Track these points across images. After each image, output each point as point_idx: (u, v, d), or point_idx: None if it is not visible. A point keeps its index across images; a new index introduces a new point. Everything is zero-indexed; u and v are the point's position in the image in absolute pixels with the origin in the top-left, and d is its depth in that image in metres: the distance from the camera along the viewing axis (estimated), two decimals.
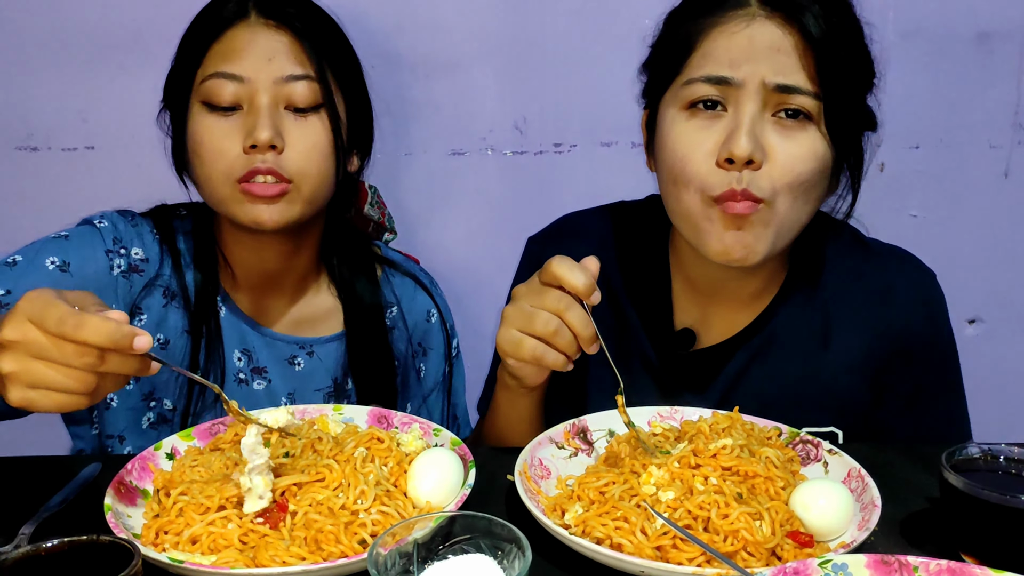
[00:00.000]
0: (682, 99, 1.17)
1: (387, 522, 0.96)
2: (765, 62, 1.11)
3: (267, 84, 1.25)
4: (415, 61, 1.78)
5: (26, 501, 1.04)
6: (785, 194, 1.14)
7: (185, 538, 0.94)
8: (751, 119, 1.12)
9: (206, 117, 1.27)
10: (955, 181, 1.87)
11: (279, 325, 1.43)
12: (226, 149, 1.25)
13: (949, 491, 0.93)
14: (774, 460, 1.04)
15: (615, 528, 0.94)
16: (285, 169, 1.25)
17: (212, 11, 1.30)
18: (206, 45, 1.27)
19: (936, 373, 1.29)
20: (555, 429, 1.16)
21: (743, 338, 1.30)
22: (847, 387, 1.28)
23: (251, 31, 1.26)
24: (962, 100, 1.82)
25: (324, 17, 1.33)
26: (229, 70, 1.25)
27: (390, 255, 1.54)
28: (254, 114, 1.25)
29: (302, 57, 1.27)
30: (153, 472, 1.07)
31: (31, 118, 1.78)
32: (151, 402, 1.37)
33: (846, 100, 1.13)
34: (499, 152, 1.85)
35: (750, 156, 1.11)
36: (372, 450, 1.07)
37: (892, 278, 1.28)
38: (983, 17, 1.77)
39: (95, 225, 1.33)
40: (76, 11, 1.73)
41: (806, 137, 1.13)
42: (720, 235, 1.15)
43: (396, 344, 1.49)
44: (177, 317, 1.36)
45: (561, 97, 1.82)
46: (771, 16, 1.13)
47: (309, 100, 1.27)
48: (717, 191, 1.13)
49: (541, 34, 1.78)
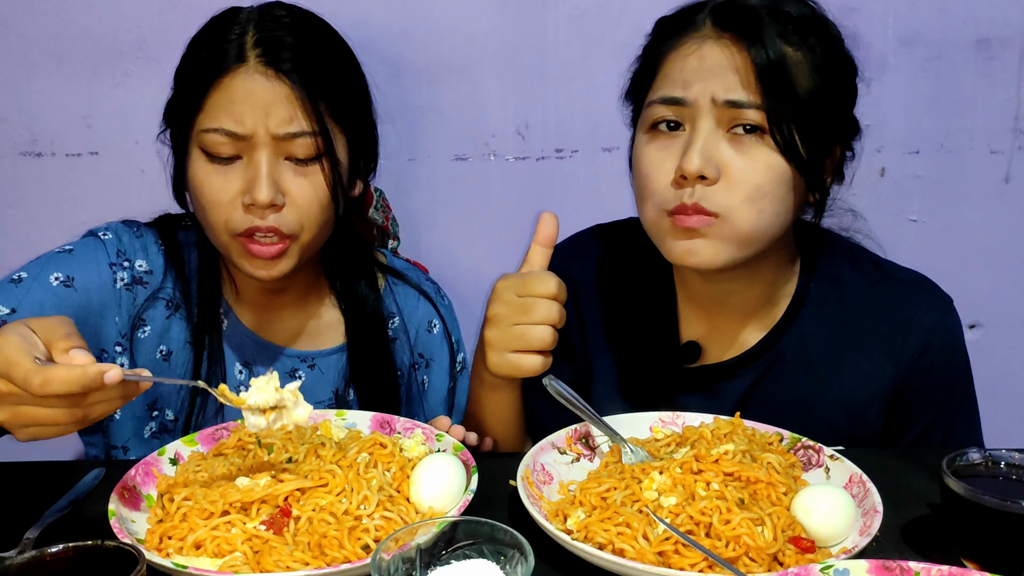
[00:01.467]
0: (645, 121, 1.21)
1: (390, 527, 0.97)
2: (714, 80, 1.14)
3: (266, 139, 1.22)
4: (419, 67, 1.79)
5: (30, 506, 1.04)
6: (744, 207, 1.15)
7: (189, 543, 0.94)
8: (704, 136, 1.14)
9: (205, 166, 1.25)
10: (955, 186, 1.87)
11: (281, 338, 1.42)
12: (225, 201, 1.24)
13: (950, 497, 0.93)
14: (776, 466, 1.05)
15: (617, 534, 0.95)
16: (286, 226, 1.24)
17: (210, 47, 1.26)
18: (204, 90, 1.23)
19: (952, 403, 1.29)
20: (557, 434, 1.16)
21: (753, 356, 1.31)
22: (860, 411, 1.28)
23: (249, 80, 1.22)
24: (962, 105, 1.82)
25: (327, 48, 1.30)
26: (228, 127, 1.22)
27: (395, 264, 1.53)
28: (254, 169, 1.23)
29: (300, 110, 1.23)
30: (157, 477, 1.07)
31: (35, 123, 1.78)
32: (154, 412, 1.37)
33: (799, 114, 1.13)
34: (501, 158, 1.85)
35: (700, 172, 1.13)
36: (375, 455, 1.07)
37: (911, 306, 1.28)
38: (983, 23, 1.78)
39: (99, 237, 1.33)
40: (80, 17, 1.73)
41: (760, 151, 1.14)
42: (674, 243, 1.19)
43: (398, 355, 1.48)
44: (180, 329, 1.36)
45: (563, 103, 1.82)
46: (721, 36, 1.15)
47: (309, 154, 1.24)
48: (670, 205, 1.16)
49: (543, 40, 1.79)
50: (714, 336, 1.34)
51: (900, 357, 1.27)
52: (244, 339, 1.40)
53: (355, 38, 1.36)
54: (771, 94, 1.12)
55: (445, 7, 1.76)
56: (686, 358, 1.34)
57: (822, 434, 1.16)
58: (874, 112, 1.21)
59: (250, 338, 1.40)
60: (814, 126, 1.15)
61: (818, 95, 1.15)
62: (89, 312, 1.29)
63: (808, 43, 1.15)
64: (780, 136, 1.13)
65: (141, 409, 1.36)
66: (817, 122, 1.15)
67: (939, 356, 1.27)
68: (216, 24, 1.28)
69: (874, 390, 1.28)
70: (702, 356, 1.34)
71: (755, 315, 1.31)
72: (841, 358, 1.29)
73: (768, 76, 1.12)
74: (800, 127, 1.13)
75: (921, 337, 1.27)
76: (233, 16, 1.28)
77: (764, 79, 1.12)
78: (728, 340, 1.33)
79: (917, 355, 1.27)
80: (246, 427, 1.02)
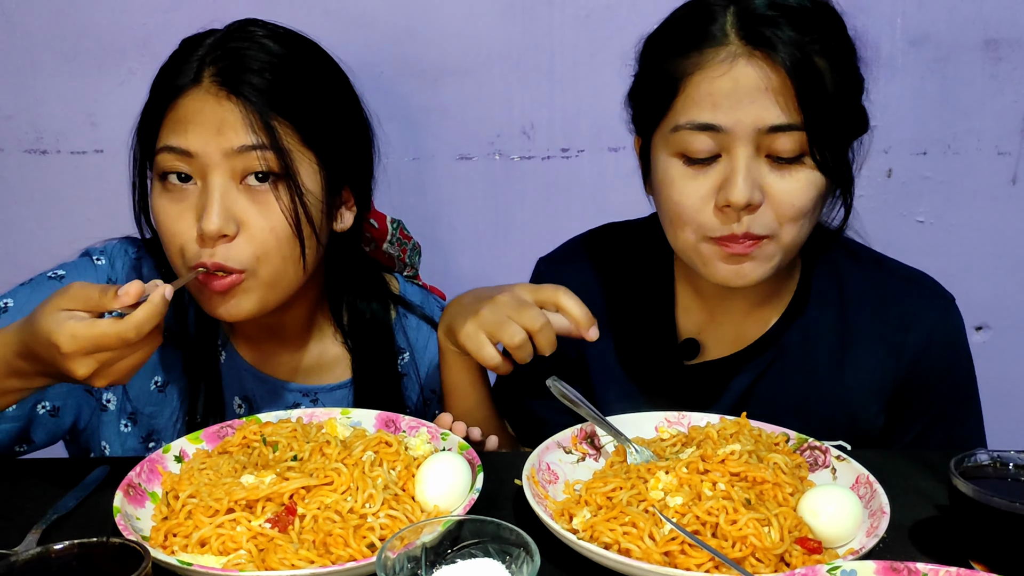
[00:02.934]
0: (673, 145, 1.16)
1: (395, 526, 0.97)
2: (752, 105, 1.10)
3: (217, 158, 1.16)
4: (425, 67, 1.79)
5: (35, 503, 1.04)
6: (789, 226, 1.15)
7: (194, 540, 0.94)
8: (746, 164, 1.11)
9: (161, 195, 1.20)
10: (963, 187, 1.87)
11: (282, 372, 1.38)
12: (180, 231, 1.18)
13: (958, 498, 0.92)
14: (782, 466, 1.04)
15: (623, 533, 0.94)
16: (235, 259, 1.17)
17: (173, 69, 1.22)
18: (161, 113, 1.20)
19: (954, 402, 1.29)
20: (563, 434, 1.16)
21: (753, 352, 1.30)
22: (860, 408, 1.28)
23: (200, 100, 1.17)
24: (970, 106, 1.82)
25: (299, 69, 1.23)
26: (177, 144, 1.17)
27: (407, 293, 1.46)
28: (206, 194, 1.17)
29: (255, 126, 1.16)
30: (161, 474, 1.07)
31: (40, 121, 1.79)
32: (149, 443, 1.33)
33: (834, 128, 1.12)
34: (507, 157, 1.85)
35: (749, 202, 1.11)
36: (380, 454, 1.07)
37: (912, 304, 1.27)
38: (991, 24, 1.78)
39: (93, 262, 1.30)
40: (85, 16, 1.73)
41: (801, 171, 1.13)
42: (720, 266, 1.18)
43: (407, 393, 1.43)
44: (176, 358, 1.32)
45: (569, 102, 1.82)
46: (752, 55, 1.10)
47: (266, 168, 1.17)
48: (716, 233, 1.15)
49: (549, 40, 1.79)
50: (714, 332, 1.33)
51: (901, 355, 1.26)
52: (243, 373, 1.36)
53: (359, 38, 1.36)
54: (811, 115, 1.10)
55: (451, 8, 1.76)
56: (685, 355, 1.34)
57: (822, 431, 1.16)
58: (882, 113, 1.20)
59: (249, 372, 1.36)
60: (843, 132, 1.14)
61: (841, 99, 1.13)
62: None
63: (828, 44, 1.13)
64: (821, 156, 1.11)
65: (136, 441, 1.33)
66: (844, 128, 1.14)
67: (941, 354, 1.27)
68: (184, 45, 1.24)
69: (875, 387, 1.28)
70: (702, 353, 1.34)
71: (756, 311, 1.31)
72: (842, 355, 1.28)
73: (808, 97, 1.09)
74: (834, 139, 1.12)
75: (922, 335, 1.26)
76: (202, 38, 1.23)
77: (804, 100, 1.09)
78: (729, 336, 1.32)
79: (919, 353, 1.26)
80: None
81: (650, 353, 1.35)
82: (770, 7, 1.12)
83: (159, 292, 1.01)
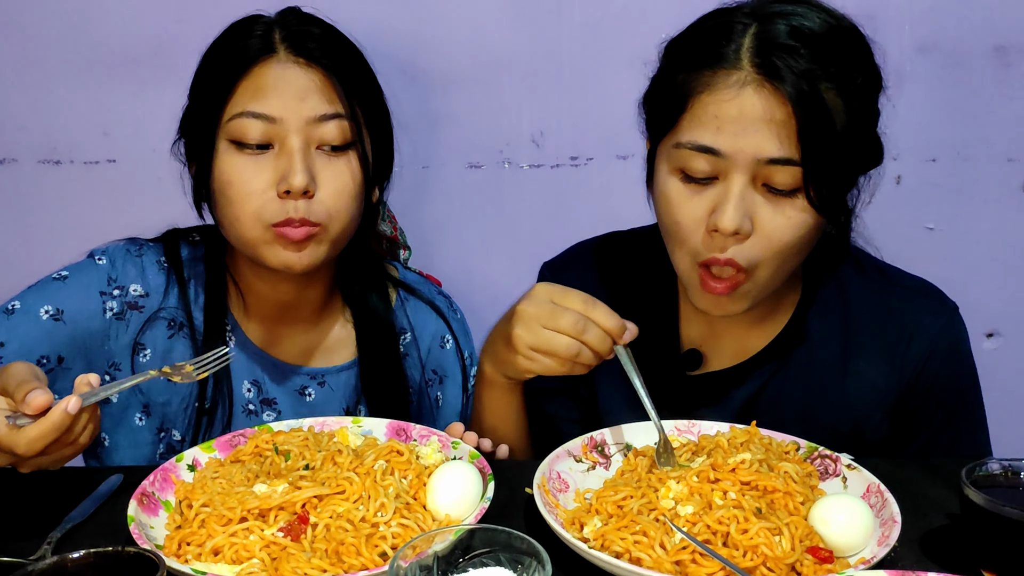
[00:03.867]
0: (673, 161, 1.16)
1: (407, 535, 0.97)
2: (755, 135, 1.09)
3: (299, 124, 1.23)
4: (434, 75, 1.79)
5: (50, 512, 1.05)
6: (768, 263, 1.14)
7: (207, 549, 0.95)
8: (740, 192, 1.11)
9: (235, 156, 1.24)
10: (972, 194, 1.87)
11: (290, 355, 1.41)
12: (257, 191, 1.23)
13: (969, 507, 0.92)
14: (793, 475, 1.05)
15: (634, 542, 0.95)
16: (316, 213, 1.24)
17: (233, 45, 1.27)
18: (232, 81, 1.24)
19: (959, 411, 1.29)
20: (573, 442, 1.16)
21: (756, 363, 1.30)
22: (864, 418, 1.28)
23: (281, 68, 1.24)
24: (979, 113, 1.81)
25: (351, 50, 1.31)
26: (260, 110, 1.22)
27: (408, 278, 1.52)
28: (287, 156, 1.23)
29: (333, 95, 1.25)
30: (175, 483, 1.08)
31: (54, 132, 1.80)
32: (161, 433, 1.36)
33: (835, 165, 1.10)
34: (516, 165, 1.85)
35: (737, 229, 1.11)
36: (392, 463, 1.07)
37: (915, 314, 1.27)
38: (1000, 30, 1.77)
39: (95, 261, 1.33)
40: (99, 26, 1.75)
41: (794, 207, 1.12)
42: (702, 299, 1.20)
43: (409, 371, 1.47)
44: (184, 347, 1.35)
45: (578, 110, 1.82)
46: (762, 84, 1.08)
47: (341, 139, 1.25)
48: (703, 257, 1.15)
49: (558, 48, 1.79)
50: (717, 342, 1.33)
51: (905, 363, 1.26)
52: (252, 356, 1.39)
53: (372, 46, 1.36)
54: (810, 152, 1.08)
55: (461, 16, 1.77)
56: (688, 366, 1.34)
57: (826, 441, 1.15)
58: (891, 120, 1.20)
59: (258, 355, 1.39)
60: (846, 169, 1.13)
61: (850, 132, 1.11)
62: (79, 343, 1.29)
63: (846, 76, 1.10)
64: (816, 194, 1.10)
65: (151, 434, 1.36)
66: (849, 163, 1.13)
67: (944, 363, 1.27)
68: (238, 26, 1.29)
69: (879, 396, 1.27)
70: (705, 363, 1.34)
71: (760, 321, 1.31)
72: (845, 363, 1.28)
73: (809, 134, 1.08)
74: (833, 177, 1.11)
75: (926, 344, 1.26)
76: (255, 19, 1.29)
77: (805, 136, 1.08)
78: (732, 346, 1.32)
79: (922, 362, 1.26)
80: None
81: (653, 363, 1.35)
82: (791, 34, 1.09)
83: (59, 408, 0.95)
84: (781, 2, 1.13)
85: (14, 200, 1.83)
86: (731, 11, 1.15)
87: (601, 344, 1.12)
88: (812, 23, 1.10)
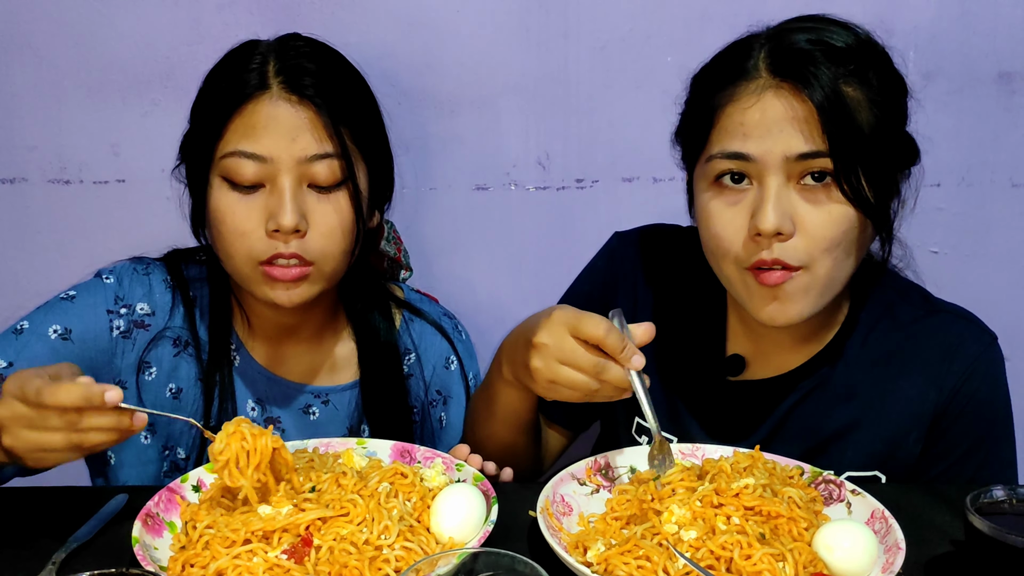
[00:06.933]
0: (707, 175, 1.20)
1: (410, 558, 0.97)
2: (780, 135, 1.13)
3: (290, 164, 1.23)
4: (441, 97, 1.80)
5: (55, 531, 1.06)
6: (823, 258, 1.16)
7: (211, 571, 0.95)
8: (776, 193, 1.13)
9: (227, 194, 1.25)
10: (977, 219, 1.87)
11: (294, 374, 1.42)
12: (248, 230, 1.24)
13: (974, 534, 0.92)
14: (797, 500, 1.04)
15: (637, 567, 0.95)
16: (308, 252, 1.25)
17: (230, 77, 1.27)
18: (225, 118, 1.25)
19: (990, 437, 1.29)
20: (577, 465, 1.16)
21: (797, 376, 1.31)
22: (899, 436, 1.28)
23: (273, 106, 1.24)
24: (984, 139, 1.82)
25: (347, 81, 1.31)
26: (251, 149, 1.23)
27: (411, 299, 1.53)
28: (277, 195, 1.23)
29: (323, 134, 1.25)
30: (179, 504, 1.08)
31: (64, 151, 1.81)
32: (166, 451, 1.37)
33: (864, 157, 1.13)
34: (522, 187, 1.86)
35: (778, 229, 1.13)
36: (396, 485, 1.07)
37: (957, 335, 1.29)
38: (1004, 57, 1.78)
39: (103, 281, 1.34)
40: (110, 47, 1.76)
41: (832, 202, 1.14)
42: (762, 305, 1.19)
43: (413, 391, 1.47)
44: (190, 366, 1.36)
45: (584, 133, 1.83)
46: (780, 87, 1.14)
47: (332, 179, 1.26)
48: (748, 261, 1.17)
49: (564, 71, 1.81)
50: (759, 355, 1.34)
51: (944, 383, 1.27)
52: (256, 375, 1.40)
53: (378, 69, 1.38)
54: (836, 142, 1.11)
55: (467, 39, 1.78)
56: (730, 371, 1.34)
57: (860, 459, 1.15)
58: None
59: (262, 375, 1.40)
60: (878, 164, 1.15)
61: (878, 129, 1.14)
62: (86, 362, 1.29)
63: (865, 77, 1.14)
64: (848, 186, 1.12)
65: (156, 452, 1.37)
66: (880, 159, 1.15)
67: (980, 387, 1.27)
68: (235, 55, 1.30)
69: (915, 416, 1.28)
70: (747, 372, 1.34)
71: (804, 340, 1.31)
72: (884, 385, 1.29)
73: (832, 124, 1.11)
74: (866, 170, 1.13)
75: (965, 365, 1.27)
76: (252, 47, 1.29)
77: (829, 128, 1.11)
78: (775, 361, 1.33)
79: (961, 381, 1.27)
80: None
81: (694, 365, 1.35)
82: (809, 42, 1.14)
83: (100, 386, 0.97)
84: (797, 21, 1.19)
85: (24, 219, 1.84)
86: (750, 36, 1.21)
87: (620, 383, 1.11)
88: (828, 35, 1.15)
